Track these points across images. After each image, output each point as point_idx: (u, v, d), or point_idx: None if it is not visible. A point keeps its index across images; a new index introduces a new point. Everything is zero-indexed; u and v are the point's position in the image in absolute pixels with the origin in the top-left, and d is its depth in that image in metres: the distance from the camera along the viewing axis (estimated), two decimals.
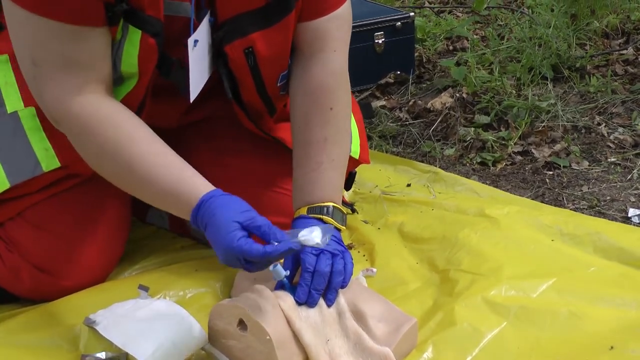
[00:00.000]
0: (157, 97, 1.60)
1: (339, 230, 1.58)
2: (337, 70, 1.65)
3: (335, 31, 1.63)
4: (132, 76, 1.50)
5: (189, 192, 1.41)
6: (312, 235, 1.38)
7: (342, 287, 1.48)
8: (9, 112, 1.60)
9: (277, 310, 1.40)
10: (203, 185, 1.42)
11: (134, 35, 1.45)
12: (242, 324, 1.39)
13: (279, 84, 1.66)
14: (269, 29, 1.55)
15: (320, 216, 1.56)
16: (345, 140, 1.67)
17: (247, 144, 1.79)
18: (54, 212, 1.60)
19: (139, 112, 1.55)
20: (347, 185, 1.88)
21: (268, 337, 1.36)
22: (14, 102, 1.61)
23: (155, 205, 1.51)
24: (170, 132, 1.80)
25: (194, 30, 1.50)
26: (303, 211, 1.57)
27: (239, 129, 1.77)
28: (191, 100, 1.56)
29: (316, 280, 1.45)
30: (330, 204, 1.58)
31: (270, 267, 1.46)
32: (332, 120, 1.62)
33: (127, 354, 1.38)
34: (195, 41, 1.51)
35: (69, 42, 1.39)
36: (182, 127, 1.81)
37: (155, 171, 1.43)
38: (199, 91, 1.58)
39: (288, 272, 1.48)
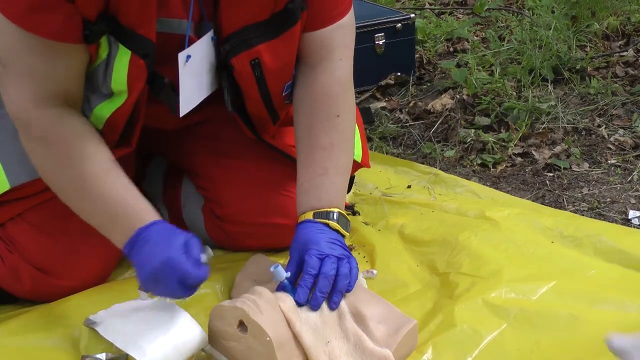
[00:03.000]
0: (154, 102, 1.61)
1: (343, 236, 1.58)
2: (343, 78, 1.65)
3: (340, 40, 1.64)
4: (121, 93, 1.51)
5: (143, 213, 1.45)
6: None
7: (347, 291, 1.48)
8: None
9: (277, 311, 1.41)
10: (154, 213, 1.47)
11: (124, 55, 1.45)
12: (242, 325, 1.39)
13: (284, 94, 1.67)
14: (274, 40, 1.55)
15: (327, 221, 1.56)
16: (350, 147, 1.68)
17: (248, 146, 1.79)
18: (54, 213, 1.60)
19: (131, 123, 1.57)
20: (347, 189, 1.88)
21: (268, 339, 1.36)
22: None
23: (93, 224, 1.52)
24: (171, 132, 1.81)
25: (188, 46, 1.50)
26: (309, 215, 1.57)
27: (241, 131, 1.77)
28: (180, 116, 1.57)
29: (321, 282, 1.45)
30: (336, 209, 1.58)
31: (271, 268, 1.47)
32: (338, 126, 1.63)
33: (127, 355, 1.38)
34: (188, 57, 1.51)
35: (41, 55, 1.40)
36: (182, 128, 1.81)
37: (103, 192, 1.46)
38: (190, 108, 1.59)
39: (289, 274, 1.48)
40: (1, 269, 1.62)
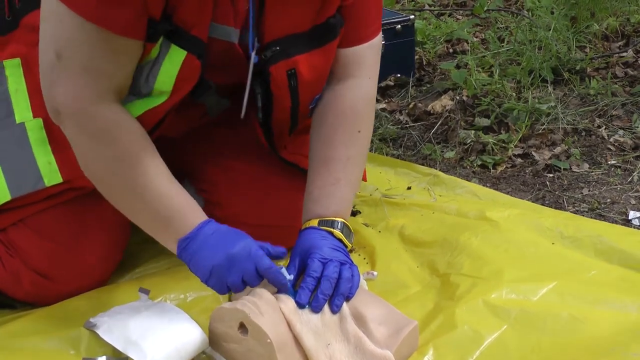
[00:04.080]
0: (185, 107, 1.62)
1: (346, 246, 1.58)
2: (369, 95, 1.69)
3: (370, 59, 1.68)
4: (162, 94, 1.50)
5: (195, 214, 1.49)
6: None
7: (349, 296, 1.48)
8: (17, 122, 1.61)
9: (278, 313, 1.40)
10: (200, 214, 1.50)
11: (177, 55, 1.45)
12: (243, 327, 1.39)
13: (310, 107, 1.68)
14: (313, 52, 1.57)
15: (331, 229, 1.57)
16: (364, 162, 1.71)
17: (250, 149, 1.80)
18: (56, 219, 1.61)
19: (156, 127, 1.56)
20: None
21: (269, 341, 1.36)
22: (23, 112, 1.62)
23: (140, 224, 1.53)
24: (172, 139, 1.81)
25: (253, 49, 1.52)
26: (314, 223, 1.58)
27: (244, 135, 1.78)
28: (242, 117, 1.58)
29: (324, 285, 1.45)
30: (341, 219, 1.59)
31: None
32: (357, 142, 1.65)
33: (127, 357, 1.38)
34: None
35: (102, 49, 1.39)
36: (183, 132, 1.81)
37: (160, 192, 1.47)
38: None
39: (292, 277, 1.48)
40: (2, 273, 1.62)
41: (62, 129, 1.47)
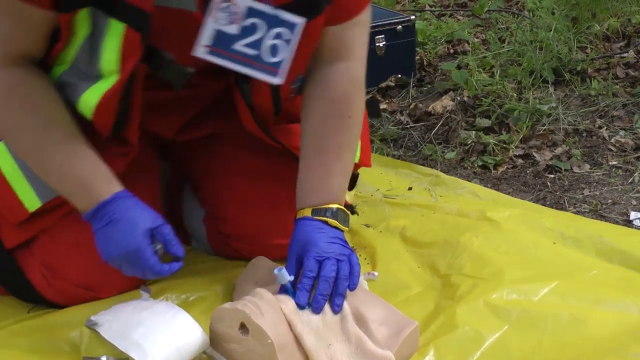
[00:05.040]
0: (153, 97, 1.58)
1: (341, 231, 1.58)
2: (358, 78, 1.64)
3: (359, 39, 1.62)
4: (112, 73, 1.44)
5: (101, 185, 1.45)
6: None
7: (351, 289, 1.48)
8: None
9: (278, 314, 1.40)
10: (116, 184, 1.47)
11: (115, 29, 1.38)
12: (243, 327, 1.39)
13: (293, 86, 1.63)
14: None
15: (325, 218, 1.56)
16: (356, 147, 1.67)
17: (254, 164, 1.77)
18: (84, 229, 1.55)
19: (125, 111, 1.51)
20: (350, 186, 1.86)
21: (269, 341, 1.35)
22: None
23: (56, 187, 1.51)
24: (174, 146, 1.80)
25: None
26: (307, 212, 1.56)
27: (245, 147, 1.76)
28: (196, 54, 1.45)
29: (321, 285, 1.45)
30: (335, 205, 1.57)
31: (275, 271, 1.46)
32: (349, 128, 1.62)
33: (128, 357, 1.38)
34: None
35: (6, 13, 1.37)
36: (187, 144, 1.79)
37: (74, 154, 1.45)
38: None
39: (292, 277, 1.48)
40: (50, 290, 1.60)
41: None
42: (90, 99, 1.46)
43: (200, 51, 1.42)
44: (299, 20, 1.45)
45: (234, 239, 1.78)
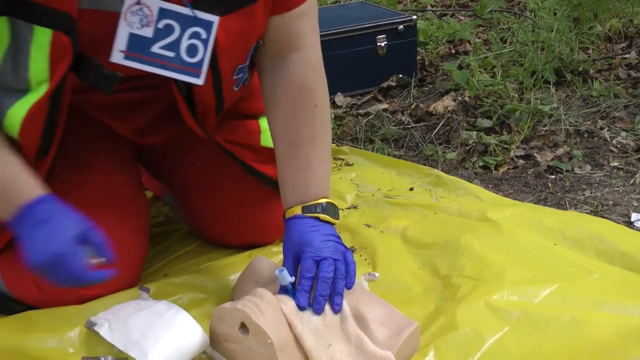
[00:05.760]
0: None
1: (333, 224, 1.57)
2: (316, 65, 1.62)
3: (308, 27, 1.59)
4: (41, 83, 1.38)
5: (28, 188, 1.37)
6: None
7: (349, 288, 1.48)
8: None
9: (279, 314, 1.40)
10: (40, 187, 1.39)
11: (42, 35, 1.32)
12: (243, 327, 1.39)
13: (234, 77, 1.59)
14: (228, 16, 1.46)
15: (316, 214, 1.55)
16: (329, 134, 1.65)
17: (223, 170, 1.79)
18: None
19: (52, 123, 1.46)
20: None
21: (270, 341, 1.35)
22: None
23: None
24: (149, 153, 1.81)
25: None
26: (297, 210, 1.56)
27: (212, 154, 1.76)
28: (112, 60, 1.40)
29: (320, 286, 1.45)
30: (324, 200, 1.57)
31: (277, 272, 1.46)
32: (317, 117, 1.60)
33: (128, 357, 1.38)
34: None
35: None
36: (161, 151, 1.81)
37: None
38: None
39: (293, 279, 1.48)
40: (42, 296, 1.58)
41: None
42: (17, 113, 1.40)
43: (117, 57, 1.39)
44: (214, 19, 1.43)
45: (213, 239, 1.86)
